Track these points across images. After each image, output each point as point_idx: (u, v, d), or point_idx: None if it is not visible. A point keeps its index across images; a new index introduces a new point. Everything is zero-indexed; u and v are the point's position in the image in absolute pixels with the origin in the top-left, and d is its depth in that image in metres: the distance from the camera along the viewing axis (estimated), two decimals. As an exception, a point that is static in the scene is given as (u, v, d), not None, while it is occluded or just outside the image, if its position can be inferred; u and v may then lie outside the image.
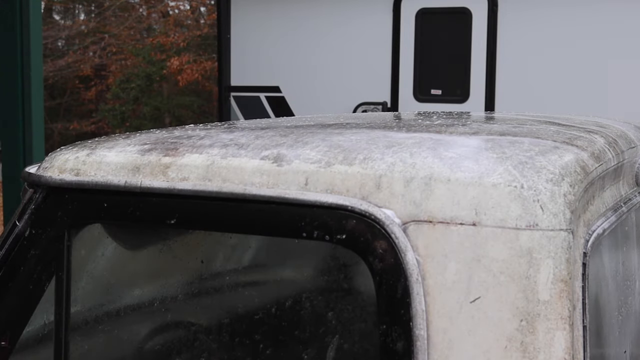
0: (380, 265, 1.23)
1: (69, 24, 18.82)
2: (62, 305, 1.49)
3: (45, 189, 1.54)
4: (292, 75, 7.53)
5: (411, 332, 1.20)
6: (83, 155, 1.53)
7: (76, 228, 1.52)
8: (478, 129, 1.52)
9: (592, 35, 6.47)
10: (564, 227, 1.18)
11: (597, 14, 6.49)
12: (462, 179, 1.22)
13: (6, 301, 1.56)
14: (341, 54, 7.32)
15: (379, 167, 1.28)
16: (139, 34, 18.29)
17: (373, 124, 1.63)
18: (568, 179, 1.23)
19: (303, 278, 1.68)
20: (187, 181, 1.39)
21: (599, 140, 1.52)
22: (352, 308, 1.46)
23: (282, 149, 1.39)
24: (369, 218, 1.24)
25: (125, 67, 17.58)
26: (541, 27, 6.62)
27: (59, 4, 19.02)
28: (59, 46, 17.89)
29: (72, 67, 17.04)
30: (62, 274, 1.50)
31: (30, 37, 5.48)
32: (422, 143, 1.34)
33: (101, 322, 1.73)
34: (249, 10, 7.68)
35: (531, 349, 1.16)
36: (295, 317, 1.50)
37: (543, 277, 1.16)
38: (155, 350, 1.72)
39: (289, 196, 1.30)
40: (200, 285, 1.70)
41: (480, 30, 6.82)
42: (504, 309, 1.17)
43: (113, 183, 1.46)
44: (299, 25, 7.50)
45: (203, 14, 18.59)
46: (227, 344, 1.60)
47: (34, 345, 1.67)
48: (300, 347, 1.49)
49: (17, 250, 1.55)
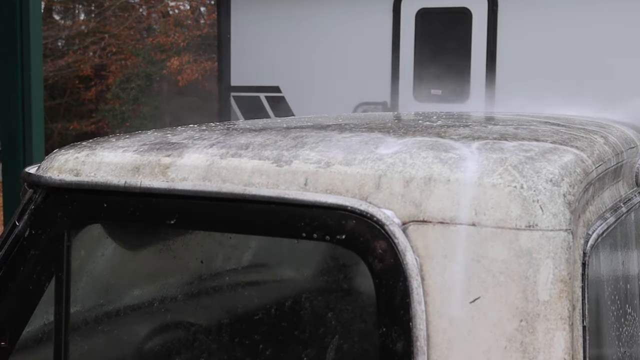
0: (380, 265, 1.23)
1: (69, 24, 18.82)
2: (62, 305, 1.49)
3: (44, 190, 1.54)
4: (292, 75, 7.53)
5: (411, 332, 1.20)
6: (83, 156, 1.53)
7: (76, 228, 1.52)
8: (478, 129, 1.52)
9: (592, 35, 6.47)
10: (564, 228, 1.18)
11: (597, 13, 6.49)
12: (462, 179, 1.22)
13: (6, 301, 1.56)
14: (341, 54, 7.32)
15: (378, 168, 1.28)
16: (139, 34, 18.29)
17: (373, 124, 1.63)
18: (568, 179, 1.23)
19: (303, 278, 1.68)
20: (187, 181, 1.39)
21: (599, 140, 1.52)
22: (352, 308, 1.46)
23: (282, 149, 1.39)
24: (369, 218, 1.24)
25: (125, 67, 17.58)
26: (541, 27, 6.63)
27: (59, 4, 19.02)
28: (59, 46, 17.89)
29: (72, 67, 17.03)
30: (62, 274, 1.50)
31: (30, 37, 5.48)
32: (421, 143, 1.34)
33: (101, 322, 1.73)
34: (249, 10, 7.68)
35: (531, 349, 1.16)
36: (295, 317, 1.50)
37: (543, 277, 1.16)
38: (155, 350, 1.72)
39: (288, 196, 1.30)
40: (200, 285, 1.70)
41: (480, 30, 6.82)
42: (503, 309, 1.17)
43: (113, 183, 1.46)
44: (299, 25, 7.50)
45: (203, 14, 18.59)
46: (227, 344, 1.60)
47: (34, 345, 1.67)
48: (300, 347, 1.49)
49: (17, 250, 1.55)
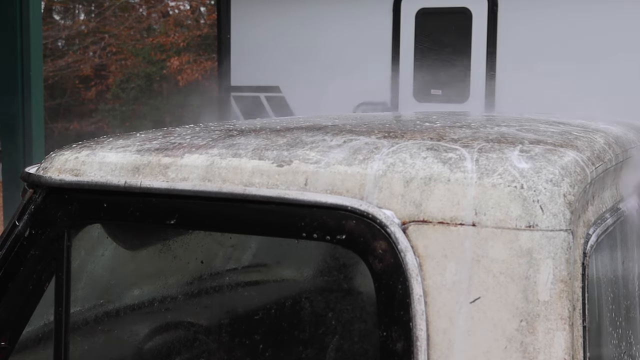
0: (380, 265, 1.23)
1: (69, 24, 18.81)
2: (62, 305, 1.49)
3: (45, 189, 1.54)
4: (292, 75, 7.53)
5: (411, 332, 1.20)
6: (83, 156, 1.53)
7: (76, 228, 1.52)
8: (478, 129, 1.52)
9: (592, 35, 6.46)
10: (564, 228, 1.18)
11: (597, 13, 6.49)
12: (462, 179, 1.22)
13: (6, 301, 1.55)
14: (341, 54, 7.31)
15: (378, 168, 1.28)
16: (139, 34, 18.28)
17: (372, 124, 1.63)
18: (568, 179, 1.23)
19: (303, 278, 1.69)
20: (187, 181, 1.39)
21: (599, 140, 1.52)
22: (352, 308, 1.46)
23: (282, 149, 1.39)
24: (369, 218, 1.24)
25: (125, 67, 17.57)
26: (541, 27, 6.62)
27: (59, 4, 19.02)
28: (59, 46, 17.89)
29: (72, 67, 17.03)
30: (62, 274, 1.49)
31: (30, 37, 5.48)
32: (421, 143, 1.34)
33: (101, 322, 1.73)
34: (249, 10, 7.68)
35: (531, 350, 1.16)
36: (295, 317, 1.50)
37: (543, 277, 1.16)
38: (155, 350, 1.72)
39: (288, 196, 1.30)
40: (200, 285, 1.70)
41: (480, 30, 6.82)
42: (503, 310, 1.17)
43: (113, 183, 1.46)
44: (298, 25, 7.50)
45: (203, 14, 18.58)
46: (227, 344, 1.60)
47: (34, 345, 1.67)
48: (300, 347, 1.49)
49: (17, 250, 1.55)
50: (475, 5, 6.83)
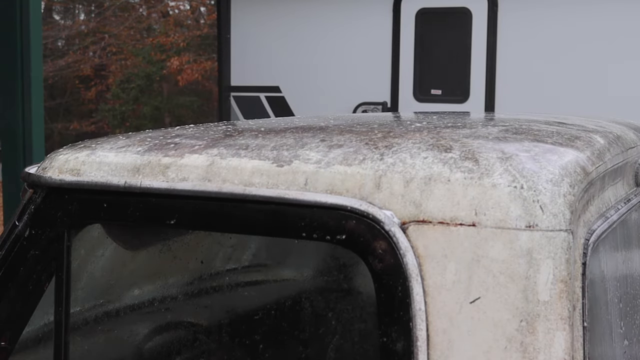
0: (380, 265, 1.23)
1: (69, 24, 18.82)
2: (62, 305, 1.49)
3: (45, 189, 1.54)
4: (292, 75, 7.53)
5: (411, 333, 1.20)
6: (83, 156, 1.53)
7: (76, 228, 1.52)
8: (477, 129, 1.52)
9: (592, 35, 6.47)
10: (564, 228, 1.18)
11: (597, 14, 6.49)
12: (462, 179, 1.22)
13: (6, 301, 1.56)
14: (341, 54, 7.32)
15: (378, 168, 1.28)
16: (139, 34, 18.29)
17: (372, 124, 1.63)
18: (568, 179, 1.23)
19: (303, 278, 1.69)
20: (187, 181, 1.39)
21: (599, 140, 1.52)
22: (352, 308, 1.46)
23: (282, 149, 1.39)
24: (369, 218, 1.24)
25: (125, 67, 17.58)
26: (541, 27, 6.63)
27: (59, 4, 19.02)
28: (59, 46, 17.89)
29: (72, 67, 17.03)
30: (62, 274, 1.50)
31: (30, 37, 5.48)
32: (421, 143, 1.34)
33: (101, 322, 1.73)
34: (249, 10, 7.69)
35: (531, 350, 1.16)
36: (295, 317, 1.50)
37: (543, 277, 1.16)
38: (155, 350, 1.72)
39: (288, 196, 1.30)
40: (200, 285, 1.71)
41: (480, 30, 6.83)
42: (503, 310, 1.17)
43: (113, 183, 1.46)
44: (298, 25, 7.51)
45: (203, 14, 18.59)
46: (227, 344, 1.60)
47: (34, 345, 1.67)
48: (301, 347, 1.49)
49: (17, 250, 1.55)
50: (475, 5, 6.83)
